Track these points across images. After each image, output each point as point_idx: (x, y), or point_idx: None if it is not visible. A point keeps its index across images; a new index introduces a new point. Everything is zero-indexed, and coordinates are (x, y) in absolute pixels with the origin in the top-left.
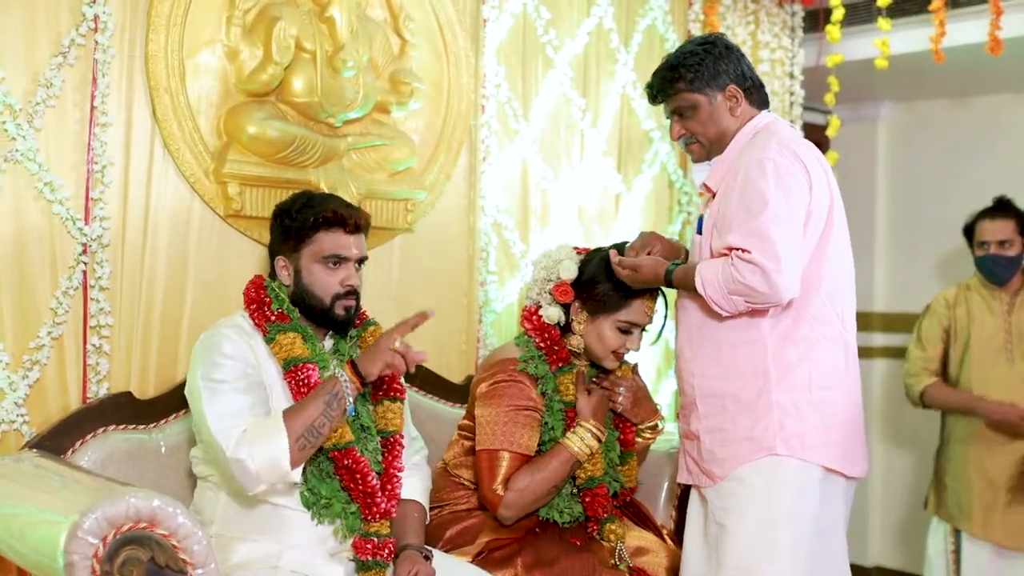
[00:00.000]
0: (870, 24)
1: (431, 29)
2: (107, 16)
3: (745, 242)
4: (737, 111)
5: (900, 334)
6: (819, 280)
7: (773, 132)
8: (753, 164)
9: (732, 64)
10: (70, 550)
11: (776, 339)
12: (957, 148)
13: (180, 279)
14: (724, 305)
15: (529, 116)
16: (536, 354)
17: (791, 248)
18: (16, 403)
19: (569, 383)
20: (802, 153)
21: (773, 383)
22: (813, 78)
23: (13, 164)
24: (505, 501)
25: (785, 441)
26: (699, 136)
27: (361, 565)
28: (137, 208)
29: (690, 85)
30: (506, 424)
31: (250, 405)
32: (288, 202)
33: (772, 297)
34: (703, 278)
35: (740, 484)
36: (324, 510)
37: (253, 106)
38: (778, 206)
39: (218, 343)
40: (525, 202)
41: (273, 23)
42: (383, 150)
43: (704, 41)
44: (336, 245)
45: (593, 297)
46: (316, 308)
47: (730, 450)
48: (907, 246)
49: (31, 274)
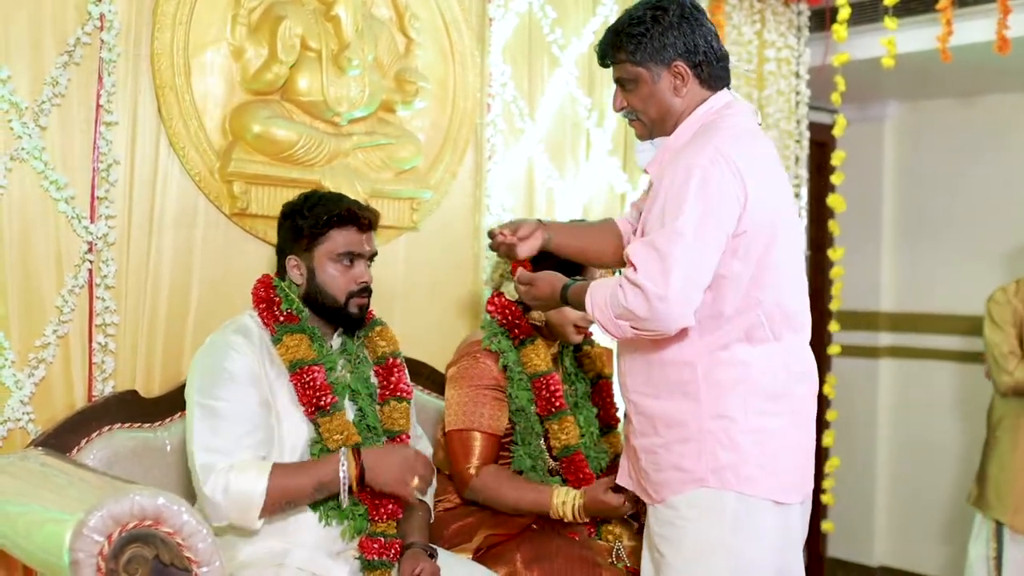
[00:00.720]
0: (877, 23)
1: (437, 28)
2: (113, 15)
3: (642, 253)
4: (683, 91)
5: (906, 333)
6: (758, 299)
7: (718, 130)
8: (681, 169)
9: (683, 36)
10: (76, 548)
11: (707, 360)
12: (964, 147)
13: (185, 277)
14: (612, 330)
15: (535, 115)
16: (498, 331)
17: (690, 272)
18: (22, 401)
19: (532, 354)
20: (743, 163)
21: (704, 408)
22: (819, 77)
23: (19, 163)
24: (474, 485)
25: (717, 473)
26: (640, 114)
27: (367, 564)
28: (142, 207)
29: (631, 56)
30: (472, 404)
31: (237, 437)
32: (298, 201)
33: (654, 325)
34: (592, 299)
35: (675, 513)
36: (332, 511)
37: (258, 105)
38: (691, 221)
39: (222, 357)
40: (531, 201)
41: (278, 22)
42: (388, 149)
43: (656, 4)
44: (350, 242)
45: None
46: (330, 306)
47: (662, 476)
48: (913, 245)
49: (37, 272)
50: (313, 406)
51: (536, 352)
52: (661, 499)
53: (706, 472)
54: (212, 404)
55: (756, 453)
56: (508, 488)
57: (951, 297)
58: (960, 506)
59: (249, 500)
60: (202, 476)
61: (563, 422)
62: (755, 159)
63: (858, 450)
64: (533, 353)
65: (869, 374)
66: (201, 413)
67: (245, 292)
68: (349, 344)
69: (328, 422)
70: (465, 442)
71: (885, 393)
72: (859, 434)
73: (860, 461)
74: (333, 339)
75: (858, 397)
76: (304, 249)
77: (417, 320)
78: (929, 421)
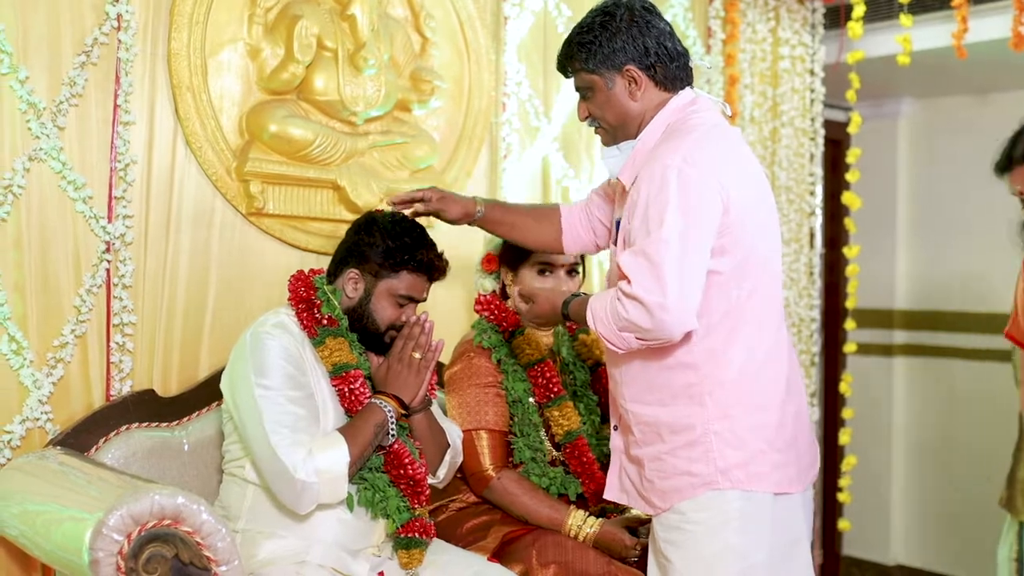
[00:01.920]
0: (891, 20)
1: (452, 27)
2: (130, 15)
3: (633, 264)
4: (638, 94)
5: (921, 331)
6: (750, 294)
7: (687, 130)
8: (657, 174)
9: (632, 40)
10: (95, 547)
11: (709, 360)
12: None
13: (202, 277)
14: (616, 343)
15: (550, 114)
16: (487, 327)
17: (684, 276)
18: (40, 401)
19: (524, 344)
20: (716, 159)
21: (710, 410)
22: (834, 75)
23: (37, 163)
24: (493, 486)
25: (726, 473)
26: (600, 120)
27: (405, 543)
28: (160, 206)
29: (584, 64)
30: (474, 404)
31: (302, 418)
32: (386, 224)
33: (659, 334)
34: (593, 314)
35: (682, 518)
36: (381, 504)
37: (275, 104)
38: (674, 225)
39: (267, 344)
40: (545, 199)
41: (295, 21)
42: (404, 148)
43: (604, 11)
44: (415, 288)
45: (509, 253)
46: (370, 331)
47: (670, 483)
48: (928, 243)
49: (55, 272)
50: (360, 407)
51: (527, 341)
52: (668, 507)
53: (716, 474)
54: (271, 394)
55: (766, 449)
56: (527, 499)
57: (966, 295)
58: (976, 504)
59: (340, 472)
60: (290, 464)
61: (563, 408)
62: (727, 154)
63: (874, 448)
64: (524, 343)
65: (885, 372)
66: (265, 403)
67: (262, 291)
68: None
69: None
70: (473, 443)
71: (901, 391)
72: (875, 432)
73: (876, 459)
74: None
75: (874, 395)
76: (372, 272)
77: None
78: (944, 419)
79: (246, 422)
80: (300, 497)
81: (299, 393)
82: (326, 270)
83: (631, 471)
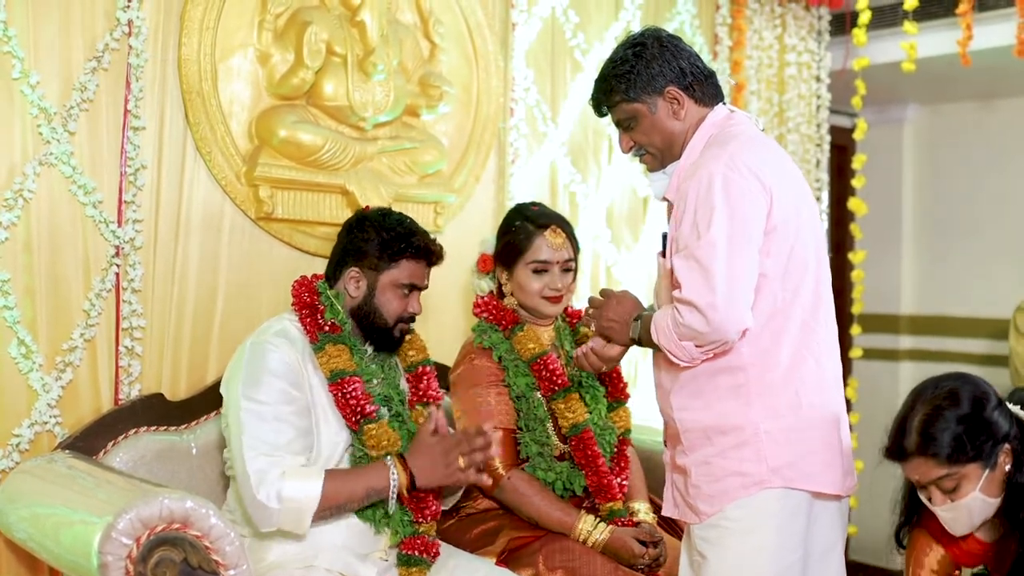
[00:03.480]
0: (896, 27)
1: (460, 33)
2: (141, 21)
3: (684, 268)
4: (681, 113)
5: (927, 336)
6: (795, 293)
7: (728, 140)
8: (704, 179)
9: (668, 63)
10: (104, 550)
11: (757, 361)
12: (984, 150)
13: (212, 281)
14: (678, 354)
15: (557, 119)
16: (486, 327)
17: (732, 275)
18: (49, 404)
19: (524, 340)
20: (758, 164)
21: (758, 410)
22: (840, 81)
23: (47, 167)
24: (504, 486)
25: (778, 472)
26: (647, 147)
27: (405, 560)
28: (169, 211)
29: (625, 95)
30: (479, 405)
31: (288, 440)
32: (376, 218)
33: (715, 336)
34: (656, 328)
35: (721, 515)
36: (383, 519)
37: (284, 109)
38: (721, 227)
39: (265, 358)
40: (554, 204)
41: (304, 27)
42: (413, 153)
43: (634, 43)
44: (415, 275)
45: (504, 252)
46: (379, 326)
47: (719, 485)
48: (934, 248)
49: (64, 276)
50: (357, 415)
51: (527, 336)
52: (715, 511)
53: (767, 473)
54: (258, 408)
55: (815, 449)
56: (537, 500)
57: (971, 300)
58: None
59: (303, 506)
60: (254, 482)
61: (568, 400)
62: (768, 157)
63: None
64: (524, 338)
65: (890, 377)
66: (248, 416)
67: (271, 296)
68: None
69: (373, 429)
70: None
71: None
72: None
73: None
74: (367, 345)
75: (879, 400)
76: (371, 267)
77: (442, 323)
78: None
79: (230, 434)
80: (256, 515)
81: (290, 408)
82: (324, 275)
83: (678, 482)
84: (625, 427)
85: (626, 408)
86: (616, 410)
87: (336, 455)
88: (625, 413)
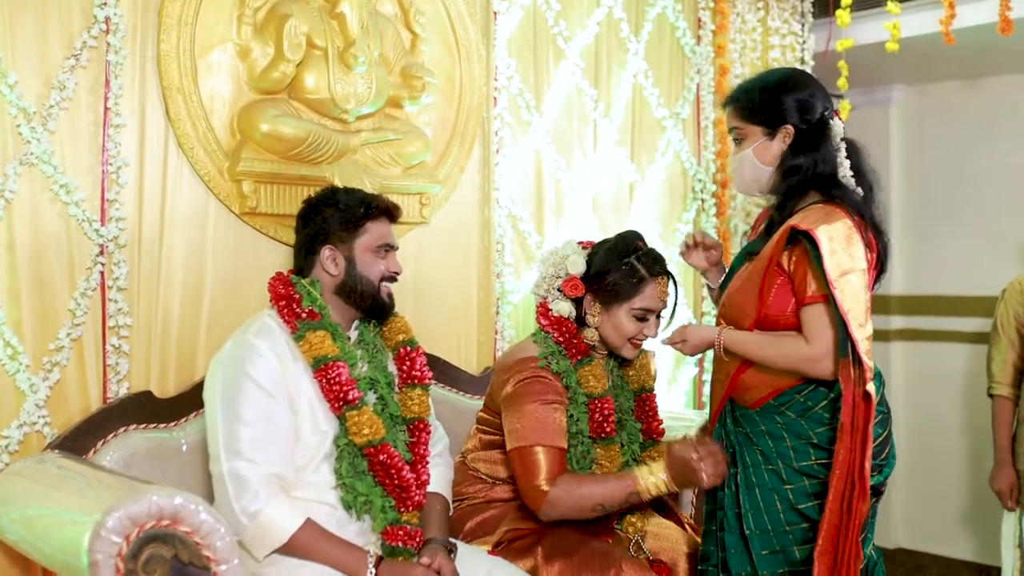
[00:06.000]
0: (880, 8)
1: (442, 23)
2: (118, 18)
3: None
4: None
5: (916, 316)
6: None
7: None
8: None
9: None
10: (94, 549)
11: None
12: (970, 130)
13: (197, 278)
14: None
15: (541, 108)
16: (556, 349)
17: None
18: (37, 405)
19: (590, 375)
20: None
21: None
22: (824, 63)
23: (28, 167)
24: (550, 498)
25: None
26: None
27: (390, 551)
28: (153, 208)
29: None
30: (536, 420)
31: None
32: (326, 196)
33: None
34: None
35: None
36: (364, 506)
37: (266, 104)
38: None
39: (245, 364)
40: (539, 193)
41: (284, 20)
42: (397, 144)
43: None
44: (385, 234)
45: (604, 288)
46: (367, 295)
47: None
48: (923, 228)
49: (49, 276)
50: (340, 401)
51: (594, 373)
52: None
53: None
54: (237, 412)
55: None
56: (590, 484)
57: (960, 279)
58: (976, 486)
59: (272, 537)
60: (231, 486)
61: (609, 449)
62: None
63: None
64: (591, 374)
65: (881, 357)
66: (225, 421)
67: (257, 291)
68: (366, 334)
69: (355, 416)
70: (527, 458)
71: (897, 376)
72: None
73: None
74: (351, 331)
75: None
76: (342, 240)
77: (428, 313)
78: (941, 403)
79: (209, 428)
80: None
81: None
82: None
83: None
84: None
85: (659, 446)
86: (648, 450)
87: (325, 445)
88: (658, 451)
